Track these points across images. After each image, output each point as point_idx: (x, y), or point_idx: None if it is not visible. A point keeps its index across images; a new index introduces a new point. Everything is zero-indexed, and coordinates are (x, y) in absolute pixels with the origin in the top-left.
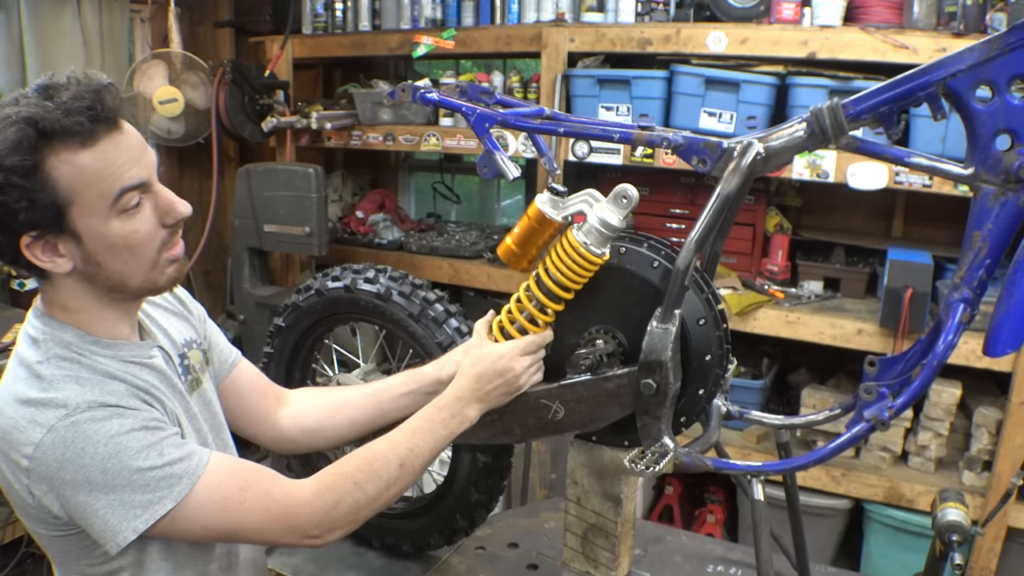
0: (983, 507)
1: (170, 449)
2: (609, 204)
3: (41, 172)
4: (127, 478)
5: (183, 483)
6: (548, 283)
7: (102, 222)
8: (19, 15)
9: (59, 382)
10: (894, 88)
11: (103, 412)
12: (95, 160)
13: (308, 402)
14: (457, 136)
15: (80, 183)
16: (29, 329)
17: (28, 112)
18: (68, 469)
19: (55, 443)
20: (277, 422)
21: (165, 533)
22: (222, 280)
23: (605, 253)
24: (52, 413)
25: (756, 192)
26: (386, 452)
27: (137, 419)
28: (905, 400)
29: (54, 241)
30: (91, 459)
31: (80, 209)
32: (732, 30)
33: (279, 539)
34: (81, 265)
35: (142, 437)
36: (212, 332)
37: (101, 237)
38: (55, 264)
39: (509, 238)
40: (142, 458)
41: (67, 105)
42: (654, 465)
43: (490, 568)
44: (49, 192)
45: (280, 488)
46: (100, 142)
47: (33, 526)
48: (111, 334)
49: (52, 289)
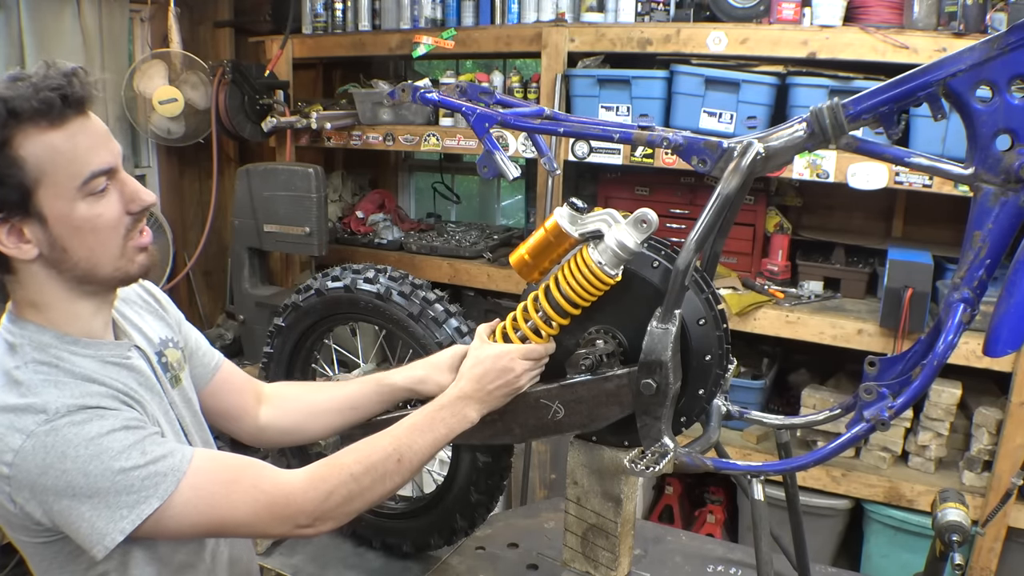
0: (983, 507)
1: (152, 447)
2: (628, 227)
3: (9, 150)
4: (111, 479)
5: (168, 480)
6: (557, 297)
7: (68, 204)
8: (19, 15)
9: (37, 387)
10: (894, 88)
11: (83, 415)
12: (64, 141)
13: (286, 402)
14: (457, 136)
15: (49, 163)
16: (4, 334)
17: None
18: (50, 474)
19: (35, 449)
20: (257, 420)
21: (153, 533)
22: (222, 280)
23: (618, 275)
24: (31, 419)
25: (756, 192)
26: (385, 446)
27: (117, 419)
28: (905, 400)
29: (19, 225)
30: (73, 463)
31: (48, 190)
32: (732, 30)
33: (269, 530)
34: (47, 251)
35: (123, 437)
36: (192, 337)
37: (67, 220)
38: (20, 250)
39: (523, 248)
40: (124, 458)
41: (36, 86)
42: (654, 465)
43: (490, 568)
44: (17, 171)
45: (269, 479)
46: (69, 124)
47: (15, 534)
48: (86, 331)
49: (19, 285)
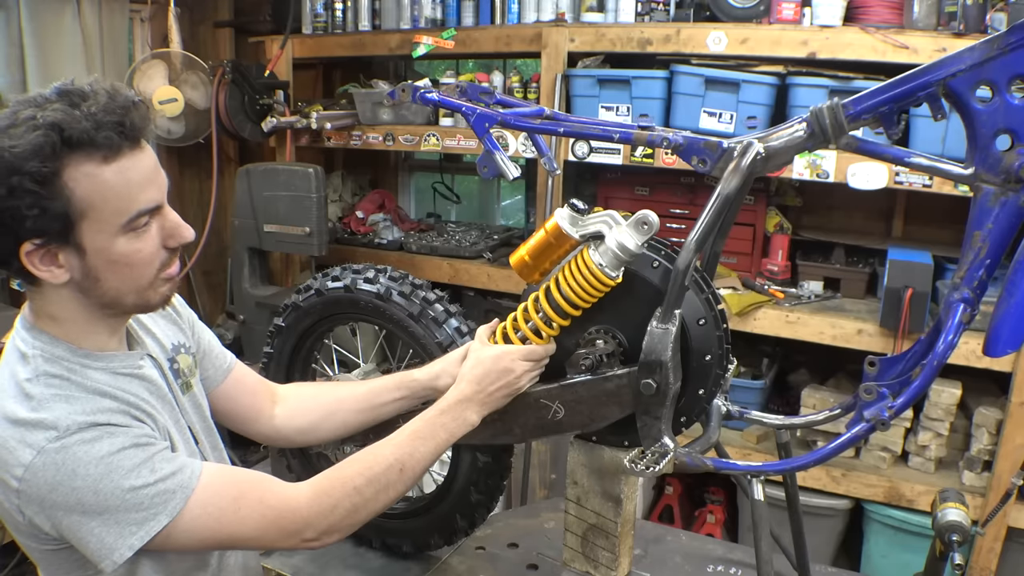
0: (983, 507)
1: (162, 464)
2: (629, 228)
3: (58, 181)
4: (120, 498)
5: (177, 497)
6: (557, 298)
7: (110, 239)
8: (19, 15)
9: (48, 402)
10: (894, 88)
11: (93, 432)
12: (115, 176)
13: (302, 402)
14: (457, 136)
15: (98, 197)
16: (18, 342)
17: (55, 118)
18: (60, 491)
19: (45, 465)
20: (271, 420)
21: (161, 547)
22: (222, 280)
23: (618, 276)
24: (42, 435)
25: (756, 192)
26: (387, 456)
27: (128, 436)
28: (905, 400)
29: (55, 251)
30: (83, 481)
31: (91, 224)
32: (732, 30)
33: (276, 544)
34: (79, 278)
35: (133, 455)
36: (204, 338)
37: (106, 253)
38: (52, 274)
39: (524, 249)
40: (134, 476)
41: (96, 117)
42: (654, 465)
43: (490, 568)
44: (63, 202)
45: (275, 494)
46: (122, 159)
47: (23, 540)
48: (99, 346)
49: (42, 298)
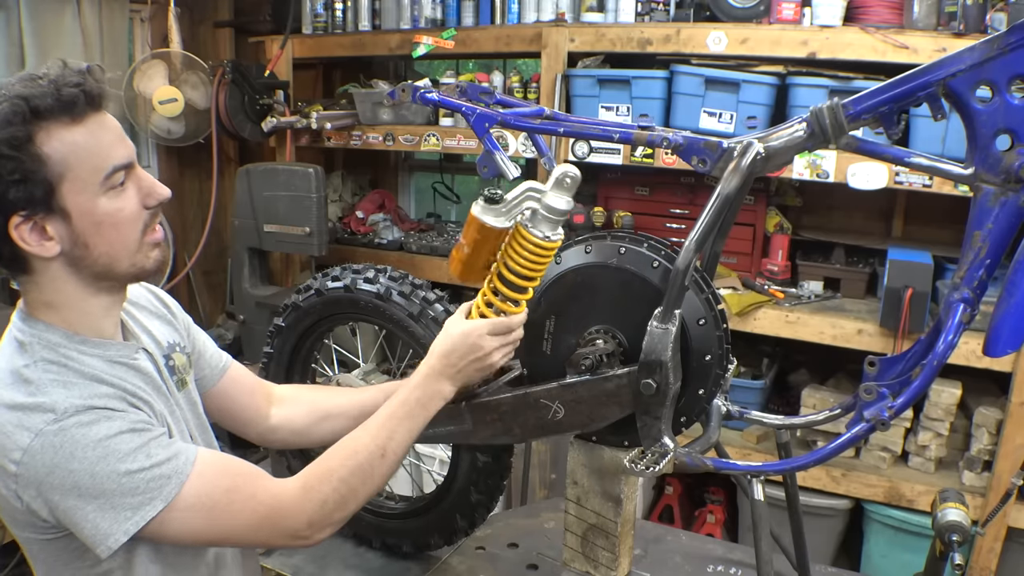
0: (983, 507)
1: (157, 450)
2: (554, 192)
3: (32, 147)
4: (116, 481)
5: (172, 483)
6: (510, 277)
7: (91, 199)
8: (19, 15)
9: (46, 386)
10: (894, 88)
11: (91, 416)
12: (85, 136)
13: (299, 405)
14: (457, 136)
15: (72, 158)
16: (15, 332)
17: (18, 90)
18: (57, 474)
19: (43, 448)
20: (267, 421)
21: (155, 536)
22: (222, 280)
23: (560, 234)
24: (40, 417)
25: (756, 192)
26: (367, 443)
27: (125, 421)
28: (905, 400)
29: (43, 222)
30: (80, 463)
31: (71, 185)
32: (732, 30)
33: (269, 541)
34: (68, 247)
35: (130, 439)
36: (199, 340)
37: (90, 214)
38: (43, 247)
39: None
40: (130, 460)
41: (56, 83)
42: (654, 465)
43: (490, 568)
44: (40, 167)
45: (267, 490)
46: (88, 120)
47: (19, 531)
48: (96, 331)
49: (36, 287)
